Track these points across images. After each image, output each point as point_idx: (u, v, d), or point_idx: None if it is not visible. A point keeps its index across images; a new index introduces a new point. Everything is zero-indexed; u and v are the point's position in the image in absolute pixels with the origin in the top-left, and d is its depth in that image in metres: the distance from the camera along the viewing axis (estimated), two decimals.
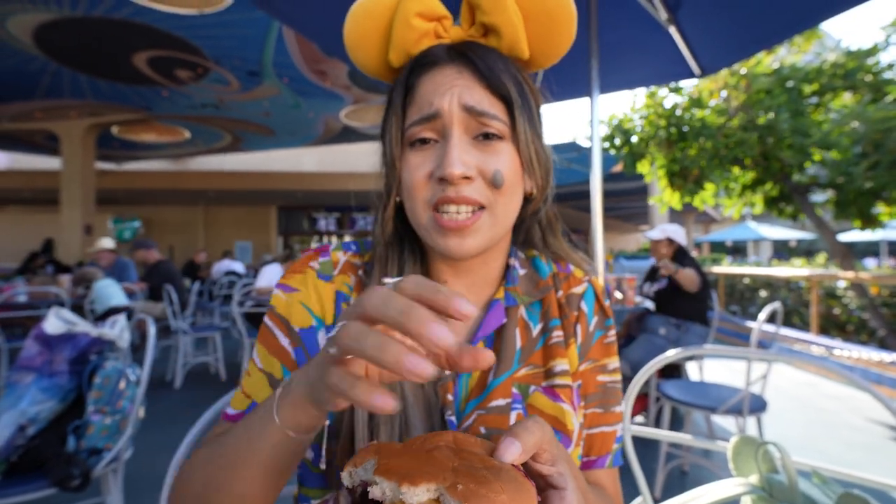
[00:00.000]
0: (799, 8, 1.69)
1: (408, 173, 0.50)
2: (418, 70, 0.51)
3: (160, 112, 8.63)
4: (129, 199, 14.82)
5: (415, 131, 0.49)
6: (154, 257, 4.66)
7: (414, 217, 0.51)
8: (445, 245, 0.49)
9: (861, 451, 2.71)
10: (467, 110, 0.48)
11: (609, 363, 0.59)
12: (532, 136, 0.51)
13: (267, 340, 0.54)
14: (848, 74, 4.11)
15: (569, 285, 0.60)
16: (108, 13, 5.11)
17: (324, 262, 0.57)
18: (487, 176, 0.48)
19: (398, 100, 0.51)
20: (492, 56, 0.50)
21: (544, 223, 0.62)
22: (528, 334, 0.55)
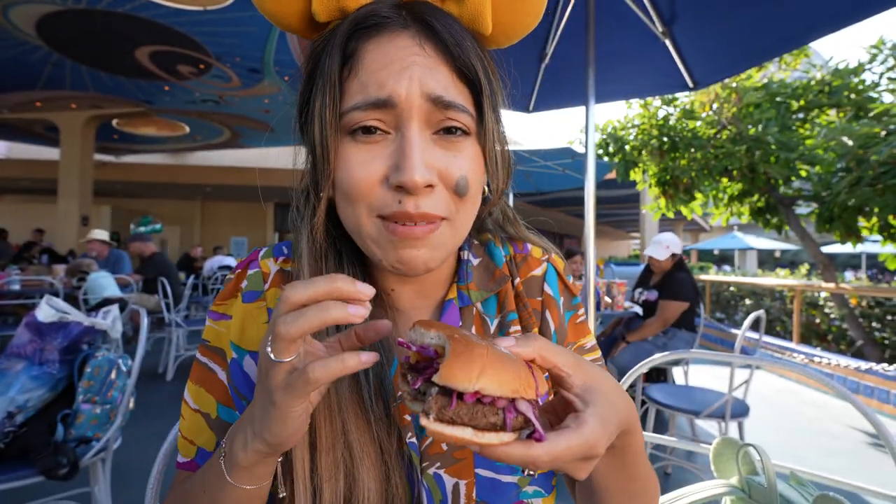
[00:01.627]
0: (789, 27, 1.78)
1: (347, 171, 0.40)
2: (361, 34, 0.40)
3: (160, 106, 8.63)
4: (126, 192, 14.74)
5: (357, 117, 0.39)
6: (150, 250, 4.68)
7: (353, 224, 0.42)
8: (397, 256, 0.41)
9: (840, 457, 2.80)
10: (432, 100, 0.39)
11: (586, 342, 0.55)
12: (497, 131, 0.44)
13: (202, 378, 0.48)
14: (833, 92, 4.26)
15: (528, 267, 0.55)
16: (111, 6, 5.14)
17: (252, 276, 0.50)
18: (451, 183, 0.40)
19: (332, 71, 0.39)
20: (456, 26, 0.41)
21: (503, 220, 0.56)
22: (485, 331, 0.50)
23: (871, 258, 15.23)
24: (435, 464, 0.45)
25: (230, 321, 0.49)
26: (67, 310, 1.38)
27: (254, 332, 0.48)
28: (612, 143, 5.30)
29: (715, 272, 9.28)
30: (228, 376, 0.48)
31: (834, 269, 4.70)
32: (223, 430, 0.48)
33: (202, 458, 0.48)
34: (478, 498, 0.45)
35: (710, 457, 0.75)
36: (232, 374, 0.48)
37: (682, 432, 3.03)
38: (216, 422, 0.48)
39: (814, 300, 5.32)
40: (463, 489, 0.45)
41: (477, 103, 0.42)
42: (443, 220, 0.41)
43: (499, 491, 0.45)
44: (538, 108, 2.49)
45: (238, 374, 0.48)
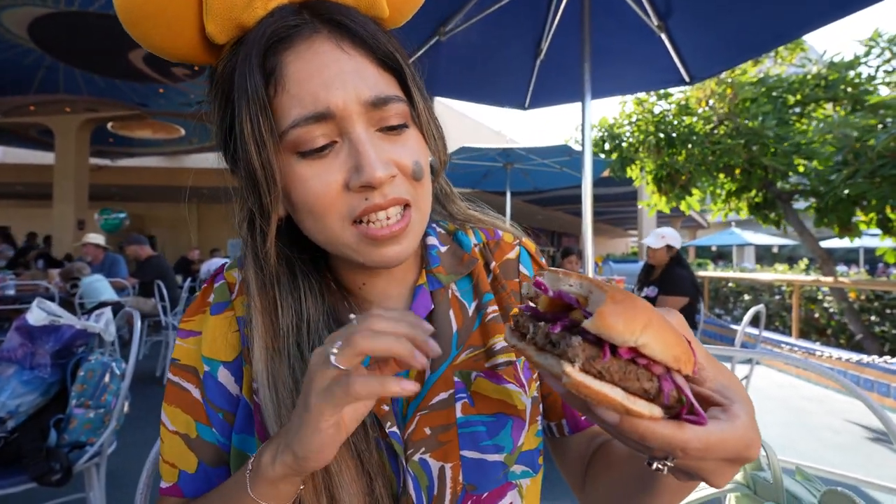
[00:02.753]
0: (784, 20, 1.78)
1: (305, 188, 0.39)
2: (276, 47, 0.39)
3: (155, 108, 8.61)
4: (122, 195, 14.70)
5: (301, 135, 0.38)
6: (146, 253, 4.66)
7: (325, 237, 0.42)
8: (381, 256, 0.42)
9: (841, 451, 2.80)
10: (370, 104, 0.39)
11: None
12: (427, 108, 0.46)
13: (177, 399, 0.48)
14: (830, 86, 4.26)
15: (502, 252, 0.56)
16: (104, 8, 5.11)
17: (219, 288, 0.50)
18: (407, 171, 0.42)
19: (258, 89, 0.38)
20: (361, 18, 0.42)
21: (441, 195, 0.56)
22: (463, 314, 0.50)
23: (868, 252, 15.27)
24: (420, 449, 0.44)
25: (199, 337, 0.49)
26: (59, 313, 1.36)
27: (224, 343, 0.48)
28: (609, 140, 5.29)
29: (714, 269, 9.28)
30: (203, 392, 0.47)
31: (833, 264, 4.70)
32: (204, 450, 0.47)
33: (185, 483, 0.47)
34: (464, 481, 0.44)
35: None
36: (206, 389, 0.47)
37: None
38: (196, 442, 0.47)
39: (812, 295, 5.32)
40: (449, 472, 0.44)
41: (404, 87, 0.43)
42: (409, 208, 0.43)
43: (485, 472, 0.45)
44: (534, 104, 2.48)
45: (213, 387, 0.47)
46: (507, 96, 2.46)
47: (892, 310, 4.44)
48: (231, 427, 0.47)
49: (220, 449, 0.47)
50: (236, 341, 0.48)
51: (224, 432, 0.47)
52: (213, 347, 0.48)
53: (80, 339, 1.43)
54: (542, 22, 2.03)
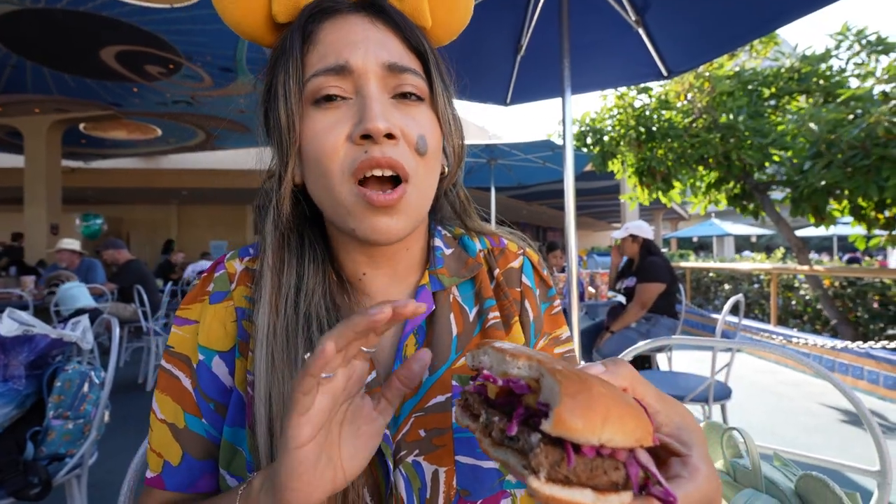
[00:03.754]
0: (758, 14, 1.81)
1: (314, 137, 0.42)
2: (319, 16, 0.44)
3: (130, 109, 8.36)
4: (98, 198, 14.28)
5: (319, 83, 0.42)
6: (124, 257, 4.54)
7: (328, 193, 0.43)
8: (373, 226, 0.42)
9: (819, 434, 2.90)
10: (388, 67, 0.42)
11: (561, 333, 0.56)
12: (447, 99, 0.47)
13: (168, 386, 0.47)
14: (803, 79, 4.37)
15: (506, 260, 0.56)
16: (72, 5, 4.94)
17: (219, 278, 0.50)
18: (411, 141, 0.43)
19: (295, 47, 0.42)
20: (401, 13, 0.46)
21: (458, 205, 0.56)
22: (464, 319, 0.50)
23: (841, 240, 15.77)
24: (413, 451, 0.44)
25: (196, 325, 0.48)
26: (31, 322, 1.32)
27: (221, 332, 0.48)
28: (591, 135, 5.34)
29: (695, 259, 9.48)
30: (195, 381, 0.47)
31: (807, 253, 4.84)
32: (191, 441, 0.46)
33: (168, 474, 0.46)
34: (458, 486, 0.44)
35: None
36: (199, 378, 0.47)
37: None
38: (183, 432, 0.46)
39: (789, 283, 5.47)
40: (443, 476, 0.44)
41: (427, 72, 0.46)
42: (406, 184, 0.42)
43: (480, 478, 0.44)
44: (515, 100, 2.48)
45: (206, 376, 0.47)
46: (489, 93, 2.46)
47: (864, 294, 4.60)
48: (222, 419, 0.46)
49: (208, 441, 0.47)
50: (233, 331, 0.48)
51: (214, 423, 0.47)
52: (209, 336, 0.48)
53: (55, 348, 1.38)
54: (521, 19, 2.03)
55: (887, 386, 3.51)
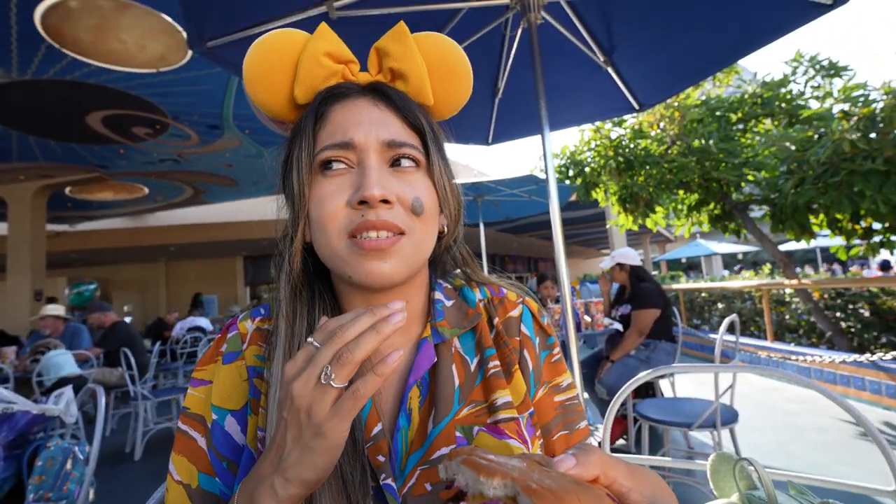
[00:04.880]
0: (717, 48, 1.94)
1: (319, 202, 0.46)
2: (331, 100, 0.50)
3: (116, 170, 8.43)
4: (83, 261, 14.09)
5: (326, 156, 0.47)
6: (110, 319, 4.43)
7: (328, 249, 0.47)
8: (365, 269, 0.45)
9: (828, 451, 2.83)
10: (387, 144, 0.47)
11: (562, 381, 0.57)
12: (444, 167, 0.52)
13: (184, 448, 0.49)
14: (766, 103, 4.61)
15: (505, 309, 0.58)
16: (59, 75, 5.08)
17: (232, 338, 0.53)
18: (406, 203, 0.47)
19: (308, 126, 0.48)
20: (404, 94, 0.52)
21: (460, 261, 0.60)
22: (465, 370, 0.52)
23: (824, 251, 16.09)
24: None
25: (210, 386, 0.50)
26: (11, 399, 1.25)
27: (234, 392, 0.50)
28: (572, 167, 5.50)
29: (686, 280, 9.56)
30: (209, 441, 0.48)
31: (793, 266, 4.92)
32: (204, 500, 0.47)
33: None
34: None
35: (707, 475, 0.73)
36: (213, 438, 0.48)
37: (678, 444, 3.01)
38: (197, 492, 0.47)
39: (780, 297, 5.52)
40: None
41: (424, 146, 0.50)
42: (403, 235, 0.46)
43: None
44: (497, 140, 2.57)
45: (219, 436, 0.48)
46: (471, 134, 2.54)
47: (854, 305, 4.65)
48: (234, 477, 0.48)
49: (221, 499, 0.47)
50: (245, 390, 0.50)
51: (227, 482, 0.48)
52: (222, 396, 0.50)
53: (36, 424, 1.31)
54: (496, 63, 2.14)
55: (890, 395, 3.49)
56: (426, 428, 0.47)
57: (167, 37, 4.58)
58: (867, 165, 3.28)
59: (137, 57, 4.85)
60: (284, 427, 0.36)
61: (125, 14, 4.26)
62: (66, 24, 4.29)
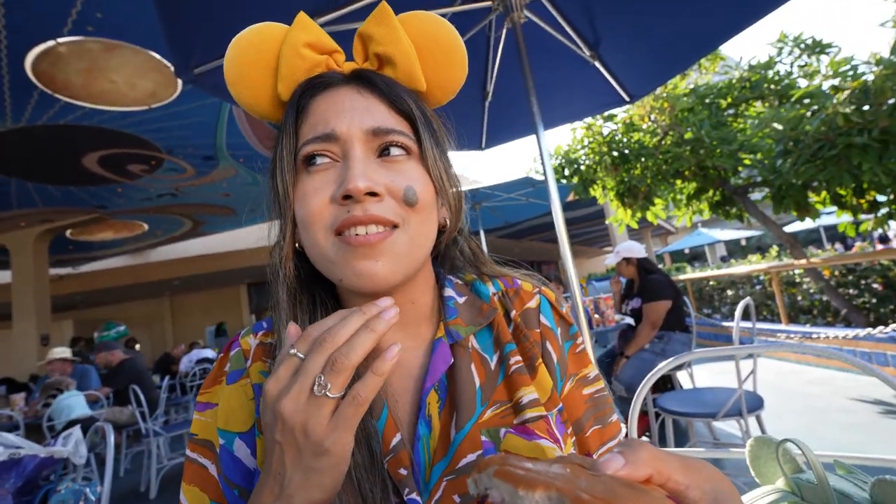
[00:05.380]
0: (699, 34, 1.94)
1: (303, 200, 0.43)
2: (311, 91, 0.46)
3: (115, 209, 8.49)
4: (88, 301, 14.11)
5: (308, 151, 0.44)
6: (118, 358, 4.40)
7: (315, 249, 0.44)
8: (355, 270, 0.41)
9: (859, 431, 2.76)
10: (372, 132, 0.44)
11: (588, 373, 0.54)
12: (439, 154, 0.48)
13: (194, 477, 0.46)
14: (754, 86, 4.62)
15: (521, 301, 0.54)
16: (53, 120, 5.13)
17: (234, 356, 0.50)
18: (398, 194, 0.43)
19: (289, 122, 0.46)
20: (391, 80, 0.48)
21: (468, 254, 0.56)
22: (485, 369, 0.48)
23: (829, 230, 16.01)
24: None
25: (216, 409, 0.47)
26: (18, 444, 1.22)
27: (240, 412, 0.46)
28: (568, 166, 5.49)
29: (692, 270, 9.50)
30: (219, 467, 0.45)
31: (801, 246, 4.87)
32: None
33: None
34: None
35: (747, 461, 0.69)
36: (222, 464, 0.45)
37: (702, 437, 2.94)
38: None
39: (790, 279, 5.46)
40: None
41: (415, 131, 0.47)
42: (395, 228, 0.43)
43: None
44: (490, 144, 2.56)
45: (228, 461, 0.45)
46: (464, 140, 2.52)
47: (866, 280, 4.59)
48: None
49: None
50: (252, 410, 0.46)
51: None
52: (228, 418, 0.46)
53: (46, 467, 1.28)
54: (483, 67, 2.14)
55: None
56: (449, 434, 0.43)
57: (156, 73, 4.64)
58: (863, 139, 3.26)
59: (129, 95, 4.90)
60: (280, 451, 0.33)
61: (114, 55, 4.32)
62: (57, 69, 4.35)
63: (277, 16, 0.54)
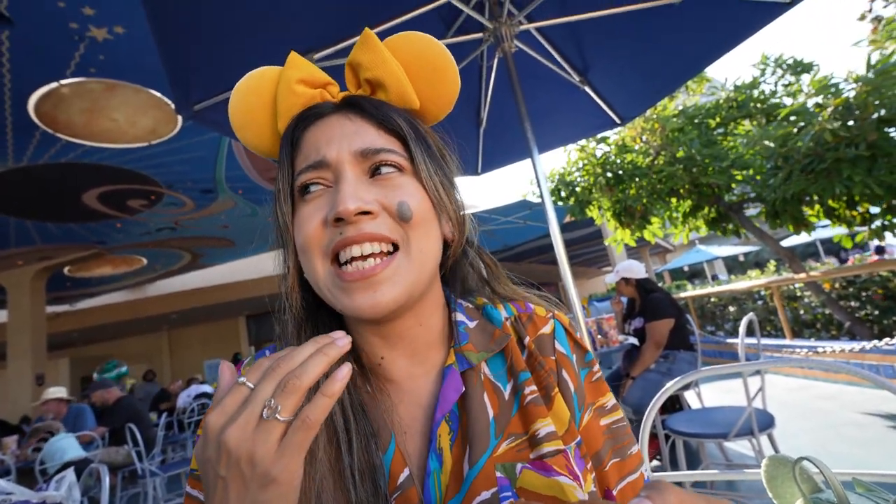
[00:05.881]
0: (684, 58, 2.00)
1: (299, 227, 0.44)
2: (304, 123, 0.47)
3: (114, 244, 8.50)
4: (85, 339, 13.93)
5: (302, 180, 0.45)
6: (114, 396, 4.30)
7: (314, 277, 0.44)
8: (354, 304, 0.41)
9: (873, 446, 2.69)
10: (361, 154, 0.44)
11: (606, 402, 0.51)
12: (434, 168, 0.47)
13: None
14: (741, 105, 4.74)
15: (535, 326, 0.52)
16: (54, 159, 5.20)
17: None
18: (392, 209, 0.43)
19: (284, 155, 0.47)
20: (379, 102, 0.48)
21: (484, 271, 0.55)
22: (499, 398, 0.46)
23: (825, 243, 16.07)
24: None
25: None
26: (8, 489, 1.17)
27: None
28: (563, 188, 5.56)
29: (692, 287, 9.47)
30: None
31: (799, 260, 4.88)
32: None
33: None
34: None
35: (763, 483, 0.67)
36: None
37: (714, 458, 2.86)
38: None
39: (791, 293, 5.45)
40: None
41: (406, 147, 0.47)
42: (395, 252, 0.43)
43: None
44: (486, 169, 2.60)
45: None
46: (460, 166, 2.57)
47: (867, 291, 4.58)
48: None
49: None
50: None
51: None
52: None
53: None
54: (476, 95, 2.19)
55: None
56: (461, 469, 0.41)
57: (157, 110, 4.74)
58: (852, 152, 3.33)
59: (129, 133, 4.99)
60: (223, 487, 0.31)
61: (115, 94, 4.43)
62: (59, 109, 4.44)
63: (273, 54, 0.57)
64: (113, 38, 3.66)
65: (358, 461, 0.40)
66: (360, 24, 0.56)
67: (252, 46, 1.50)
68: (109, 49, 3.77)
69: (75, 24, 3.48)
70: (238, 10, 1.39)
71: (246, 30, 1.43)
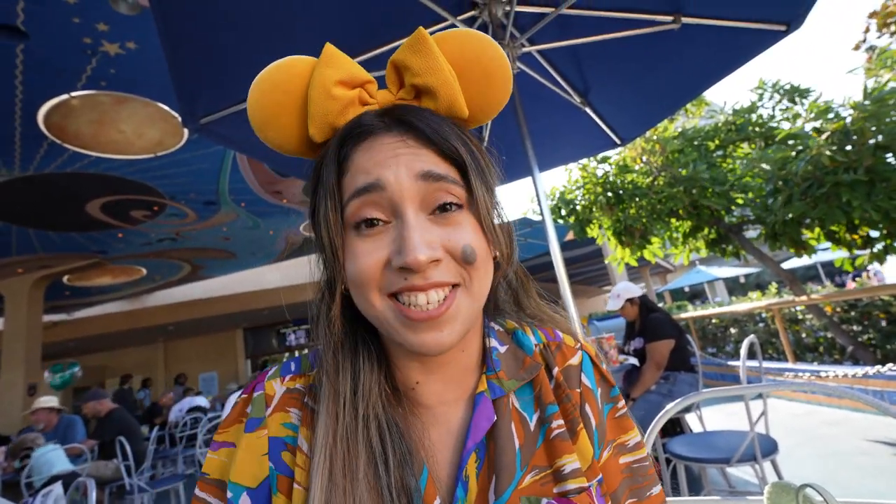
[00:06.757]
0: (683, 82, 2.04)
1: (355, 262, 0.41)
2: (350, 142, 0.43)
3: (115, 254, 8.50)
4: (81, 349, 13.82)
5: (355, 206, 0.41)
6: (106, 408, 4.24)
7: (367, 307, 0.42)
8: (419, 342, 0.40)
9: (882, 476, 2.63)
10: (423, 177, 0.41)
11: (628, 439, 0.49)
12: (490, 200, 0.45)
13: None
14: (740, 129, 4.80)
15: (563, 356, 0.50)
16: (59, 169, 5.25)
17: (257, 399, 0.46)
18: (456, 253, 0.41)
19: (330, 177, 0.43)
20: (434, 118, 0.44)
21: (514, 283, 0.54)
22: (524, 429, 0.45)
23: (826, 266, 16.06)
24: None
25: (233, 449, 0.44)
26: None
27: (251, 466, 0.43)
28: (564, 206, 5.59)
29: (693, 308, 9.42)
30: None
31: (800, 283, 4.87)
32: None
33: None
34: None
35: None
36: None
37: (716, 484, 2.80)
38: None
39: (793, 316, 5.42)
40: None
41: (465, 178, 0.43)
42: (456, 288, 0.41)
43: None
44: None
45: None
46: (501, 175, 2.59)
47: (870, 316, 4.55)
48: None
49: None
50: (264, 466, 0.43)
51: None
52: (239, 469, 0.43)
53: None
54: None
55: None
56: (486, 499, 0.41)
57: (164, 123, 4.80)
58: (850, 177, 3.35)
59: (136, 144, 5.05)
60: None
61: (124, 107, 4.50)
62: (69, 120, 4.51)
63: None
64: (125, 52, 3.74)
65: (395, 480, 0.40)
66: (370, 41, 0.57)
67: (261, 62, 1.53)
68: (121, 63, 3.85)
69: (89, 39, 3.56)
70: (248, 27, 1.42)
71: (255, 46, 1.47)
